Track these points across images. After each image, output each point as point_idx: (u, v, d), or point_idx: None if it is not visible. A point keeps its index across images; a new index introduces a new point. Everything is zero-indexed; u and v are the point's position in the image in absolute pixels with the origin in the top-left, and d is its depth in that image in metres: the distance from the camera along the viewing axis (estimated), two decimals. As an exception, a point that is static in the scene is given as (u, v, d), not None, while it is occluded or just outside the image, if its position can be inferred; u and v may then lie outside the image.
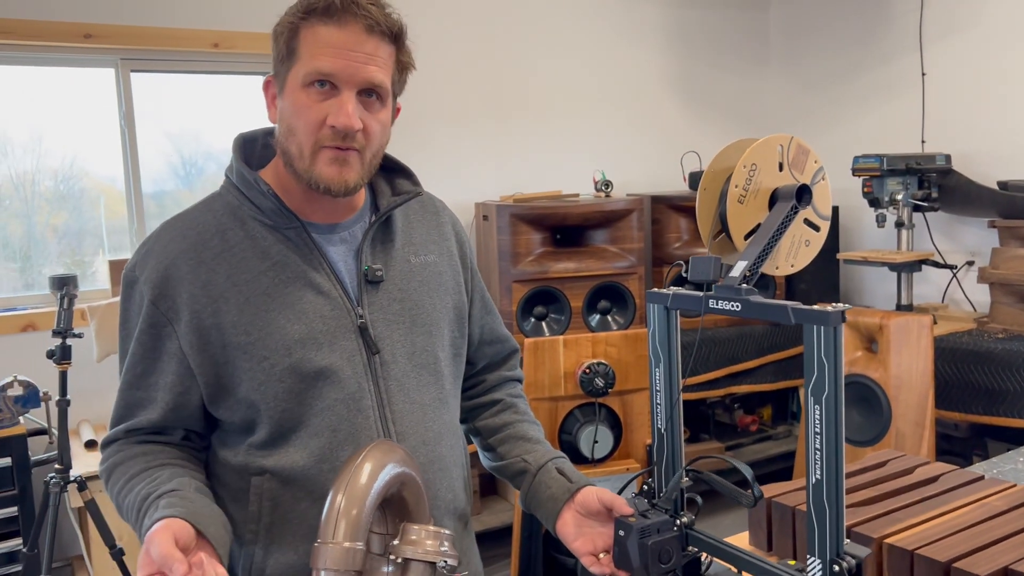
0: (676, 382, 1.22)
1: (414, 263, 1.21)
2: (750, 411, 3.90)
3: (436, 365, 1.21)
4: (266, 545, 1.11)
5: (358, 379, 1.12)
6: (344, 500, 0.90)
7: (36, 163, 3.10)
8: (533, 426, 1.35)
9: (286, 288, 1.11)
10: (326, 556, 0.88)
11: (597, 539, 1.21)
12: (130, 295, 1.13)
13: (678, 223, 3.57)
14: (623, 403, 2.73)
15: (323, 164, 1.08)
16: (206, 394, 1.11)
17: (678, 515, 1.19)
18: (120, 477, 1.08)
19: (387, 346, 1.15)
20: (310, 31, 1.08)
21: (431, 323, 1.20)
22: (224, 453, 1.14)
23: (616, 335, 2.69)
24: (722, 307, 1.10)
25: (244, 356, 1.08)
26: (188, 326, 1.09)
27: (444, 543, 0.94)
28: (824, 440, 0.98)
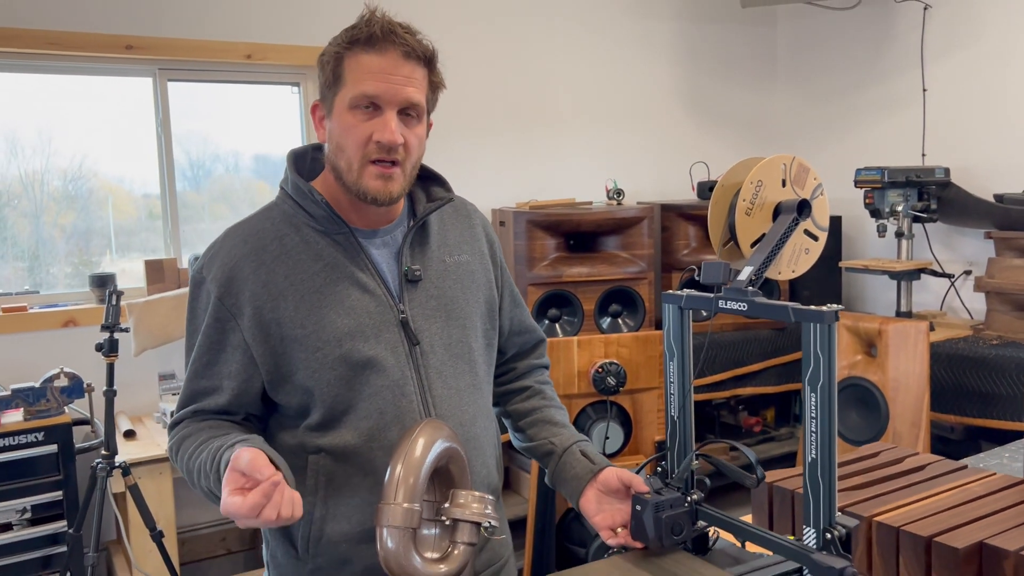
0: (688, 375, 1.36)
1: (448, 263, 1.36)
2: (754, 413, 4.04)
3: (470, 354, 1.35)
4: (322, 515, 1.25)
5: (401, 368, 1.27)
6: (402, 469, 1.05)
7: (45, 163, 3.16)
8: (559, 411, 1.50)
9: (336, 287, 1.26)
10: (388, 515, 1.02)
11: (616, 515, 1.35)
12: (197, 294, 1.28)
13: (687, 231, 3.71)
14: (633, 401, 2.87)
15: (370, 178, 1.24)
16: (267, 381, 1.25)
17: (689, 493, 1.33)
18: (192, 443, 1.21)
19: (426, 338, 1.30)
20: (354, 59, 1.22)
21: (465, 316, 1.35)
22: (282, 435, 1.29)
23: (627, 336, 2.83)
24: (730, 307, 1.24)
25: (300, 347, 1.23)
26: (251, 320, 1.23)
27: (488, 507, 1.09)
28: (819, 423, 1.12)
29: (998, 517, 1.34)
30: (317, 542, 1.25)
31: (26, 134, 3.12)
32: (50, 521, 2.58)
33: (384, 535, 1.02)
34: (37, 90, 3.12)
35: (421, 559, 1.03)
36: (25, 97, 3.10)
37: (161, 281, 3.11)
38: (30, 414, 2.52)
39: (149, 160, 3.31)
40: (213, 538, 3.29)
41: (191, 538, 3.22)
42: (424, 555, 1.07)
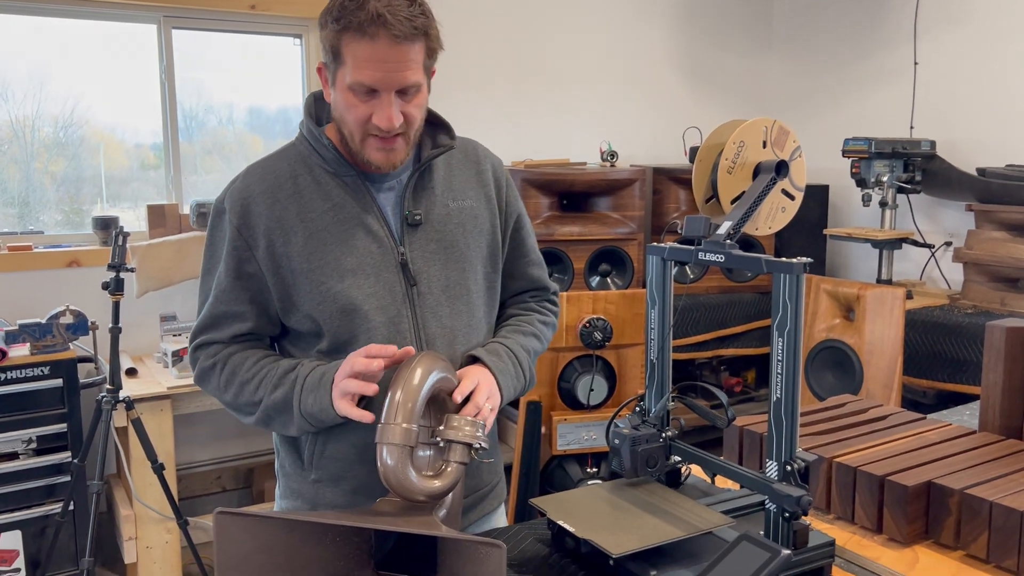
0: (668, 322, 1.46)
1: (452, 207, 1.43)
2: (735, 373, 4.16)
3: (468, 297, 1.44)
4: (325, 433, 1.36)
5: (397, 306, 1.36)
6: (402, 394, 1.15)
7: (36, 108, 3.16)
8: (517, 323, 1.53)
9: (343, 226, 1.35)
10: (388, 433, 1.12)
11: None
12: (218, 223, 1.38)
13: (677, 194, 3.79)
14: (618, 356, 2.98)
15: (372, 150, 1.32)
16: (279, 308, 1.36)
17: (664, 430, 1.44)
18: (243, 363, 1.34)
19: (424, 279, 1.39)
20: (349, 44, 1.25)
21: (464, 260, 1.43)
22: (297, 355, 1.40)
23: (615, 294, 2.93)
24: (709, 258, 1.33)
25: (306, 280, 1.33)
26: (265, 252, 1.33)
27: (479, 430, 1.19)
28: (784, 366, 1.22)
29: (948, 461, 1.46)
30: (320, 456, 1.37)
31: (17, 79, 3.13)
32: (54, 452, 2.68)
33: (384, 452, 1.12)
34: (29, 32, 3.11)
35: (417, 475, 1.13)
36: (16, 40, 3.11)
37: (163, 226, 3.18)
38: (36, 349, 2.61)
39: (143, 109, 3.32)
40: (209, 476, 3.41)
41: (188, 475, 3.34)
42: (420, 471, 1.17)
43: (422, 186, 1.42)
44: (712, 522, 1.27)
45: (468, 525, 1.51)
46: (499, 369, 1.40)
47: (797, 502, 1.21)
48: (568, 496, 1.39)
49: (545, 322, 1.59)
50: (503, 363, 1.42)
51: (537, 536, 1.43)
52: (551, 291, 1.63)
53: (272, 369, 1.33)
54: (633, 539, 1.21)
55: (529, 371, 1.49)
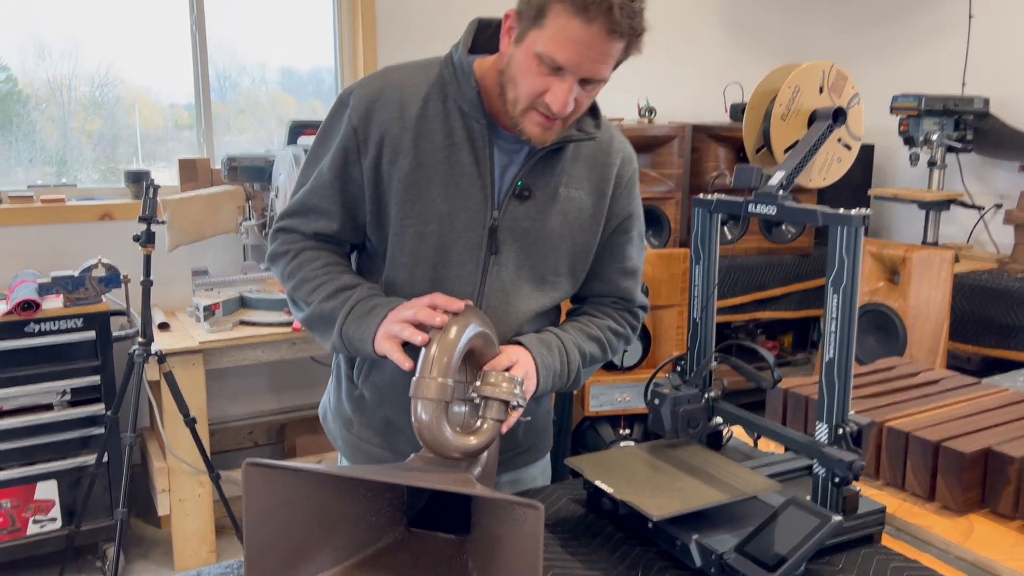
0: (712, 279, 1.40)
1: (562, 194, 1.34)
2: (772, 337, 4.08)
3: (542, 284, 1.37)
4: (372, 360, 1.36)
5: (469, 268, 1.31)
6: (437, 348, 1.10)
7: (73, 68, 3.16)
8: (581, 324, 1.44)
9: (451, 170, 1.29)
10: (423, 387, 1.08)
11: None
12: (338, 115, 1.32)
13: (717, 152, 3.69)
14: (654, 318, 2.92)
15: (530, 123, 1.23)
16: (368, 220, 1.33)
17: (706, 391, 1.39)
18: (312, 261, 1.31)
19: (506, 251, 1.32)
20: (560, 15, 1.14)
21: (552, 248, 1.35)
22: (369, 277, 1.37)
23: (652, 253, 2.85)
24: (760, 211, 1.27)
25: (396, 207, 1.29)
26: (371, 163, 1.29)
27: (517, 387, 1.14)
28: (839, 324, 1.16)
29: (1006, 428, 1.39)
30: (366, 376, 1.38)
31: (54, 39, 3.12)
32: (88, 404, 2.69)
33: (419, 406, 1.07)
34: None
35: (452, 431, 1.09)
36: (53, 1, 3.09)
37: (194, 180, 3.16)
38: (69, 301, 2.61)
39: (177, 69, 3.30)
40: (241, 431, 3.42)
41: (220, 430, 3.35)
42: (455, 428, 1.13)
43: (544, 163, 1.33)
44: (757, 486, 1.22)
45: (504, 483, 1.47)
46: (544, 362, 1.32)
47: (849, 467, 1.15)
48: (605, 456, 1.34)
49: (617, 332, 1.46)
50: (550, 356, 1.34)
51: (572, 496, 1.39)
52: (637, 304, 1.50)
53: (334, 279, 1.30)
54: (674, 502, 1.16)
55: (576, 374, 1.39)
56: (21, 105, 3.13)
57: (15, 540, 2.62)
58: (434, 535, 1.16)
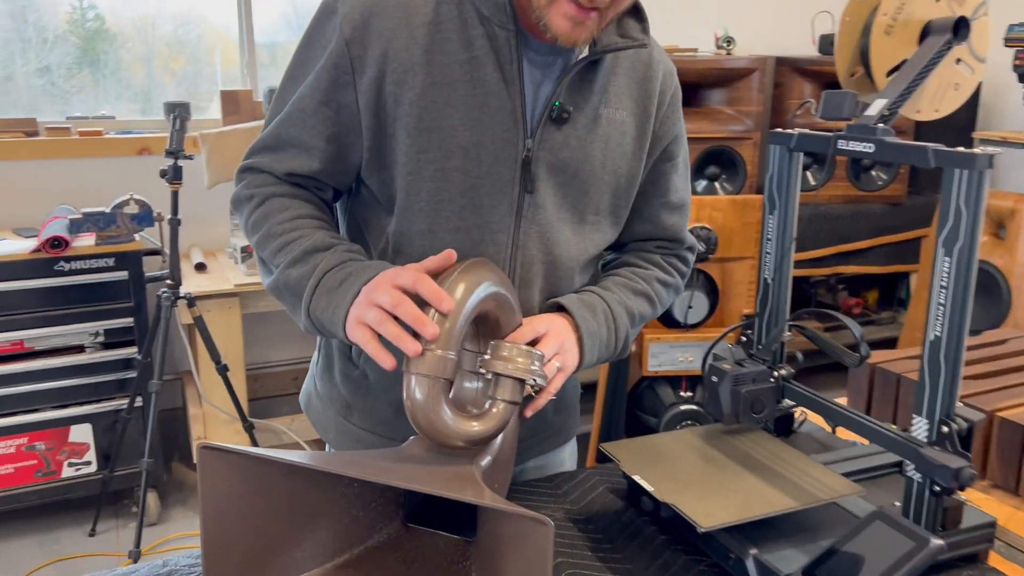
0: (790, 231, 1.15)
1: (602, 114, 1.10)
2: (855, 294, 3.76)
3: (583, 226, 1.14)
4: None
5: (502, 212, 1.07)
6: (438, 312, 0.89)
7: (157, 7, 3.16)
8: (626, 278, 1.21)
9: (473, 89, 1.03)
10: (419, 361, 0.87)
11: None
12: (323, 23, 1.05)
13: (801, 89, 3.35)
14: (723, 270, 2.66)
15: (558, 15, 0.98)
16: (365, 159, 1.07)
17: (776, 368, 1.15)
18: (280, 211, 1.05)
19: (543, 189, 1.08)
20: None
21: (593, 182, 1.11)
22: (367, 230, 1.13)
23: (723, 199, 2.59)
24: (852, 148, 1.01)
25: (407, 139, 1.03)
26: (370, 84, 1.02)
27: (535, 363, 0.93)
28: (951, 295, 0.90)
29: None
30: (359, 353, 1.15)
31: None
32: (122, 346, 2.59)
33: (412, 383, 0.88)
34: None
35: (452, 414, 0.89)
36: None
37: (236, 113, 2.99)
38: (101, 239, 2.49)
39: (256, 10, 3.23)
40: (284, 377, 3.30)
41: (261, 375, 3.24)
42: (459, 410, 0.93)
43: (581, 78, 1.09)
44: (834, 490, 0.99)
45: (531, 469, 1.27)
46: (588, 330, 1.09)
47: (955, 475, 0.91)
48: (649, 443, 1.12)
49: (666, 283, 1.24)
50: (595, 322, 1.11)
51: (611, 485, 1.19)
52: (685, 246, 1.27)
53: (305, 236, 1.04)
54: (729, 507, 0.95)
55: (625, 340, 1.17)
56: (108, 43, 3.16)
57: (50, 482, 2.57)
58: (435, 534, 0.97)
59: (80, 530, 2.64)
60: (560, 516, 1.11)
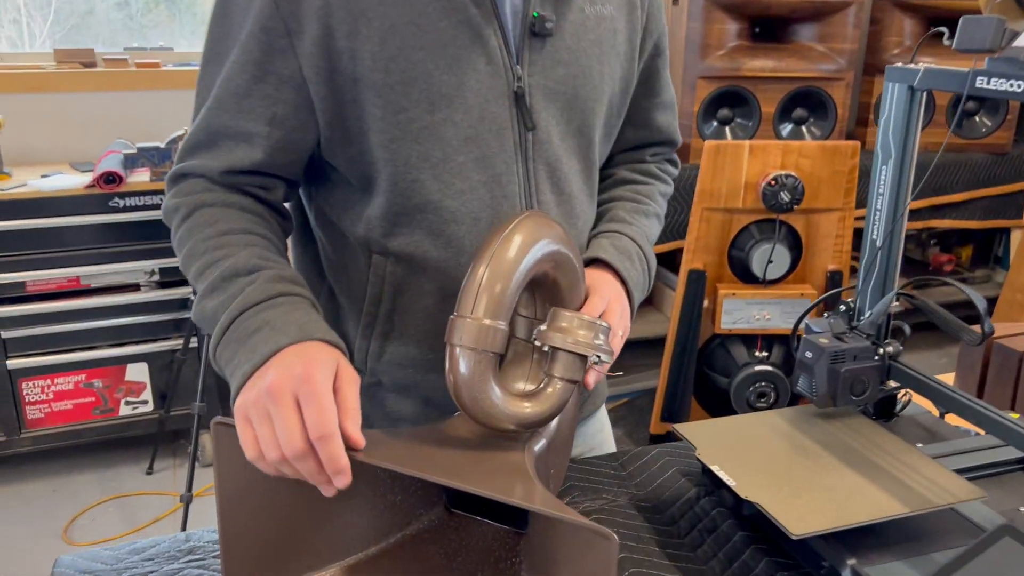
0: (906, 186, 0.98)
1: (588, 14, 0.94)
2: (947, 249, 3.51)
3: (589, 150, 0.99)
4: (385, 332, 0.97)
5: (506, 158, 0.91)
6: (488, 273, 0.76)
7: None
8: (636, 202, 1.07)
9: (440, 23, 0.87)
10: (462, 331, 0.75)
11: None
12: None
13: (901, 25, 3.07)
14: (807, 223, 2.46)
15: None
16: (324, 136, 0.89)
17: (881, 343, 0.99)
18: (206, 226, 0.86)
19: (542, 122, 0.92)
20: None
21: (594, 97, 0.96)
22: (339, 219, 0.96)
23: (812, 145, 2.38)
24: (996, 87, 0.83)
25: (377, 100, 0.86)
26: (315, 45, 0.84)
27: (599, 336, 0.79)
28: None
29: None
30: (376, 359, 0.98)
31: None
32: (177, 286, 2.54)
33: (456, 355, 0.75)
34: None
35: (502, 392, 0.77)
36: None
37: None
38: (156, 175, 2.42)
39: None
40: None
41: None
42: (511, 386, 0.80)
43: None
44: (952, 493, 0.84)
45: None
46: (634, 282, 0.97)
47: (1107, 488, 0.75)
48: (729, 426, 0.98)
49: (665, 195, 1.14)
50: (635, 271, 0.99)
51: (683, 467, 1.06)
52: (675, 145, 1.16)
53: (226, 256, 0.83)
54: (825, 509, 0.81)
55: (652, 277, 1.05)
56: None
57: (108, 420, 2.56)
58: (482, 523, 0.86)
59: (138, 467, 2.65)
60: (623, 501, 0.99)
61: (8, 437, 2.46)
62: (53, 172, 2.50)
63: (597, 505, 0.98)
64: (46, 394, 2.46)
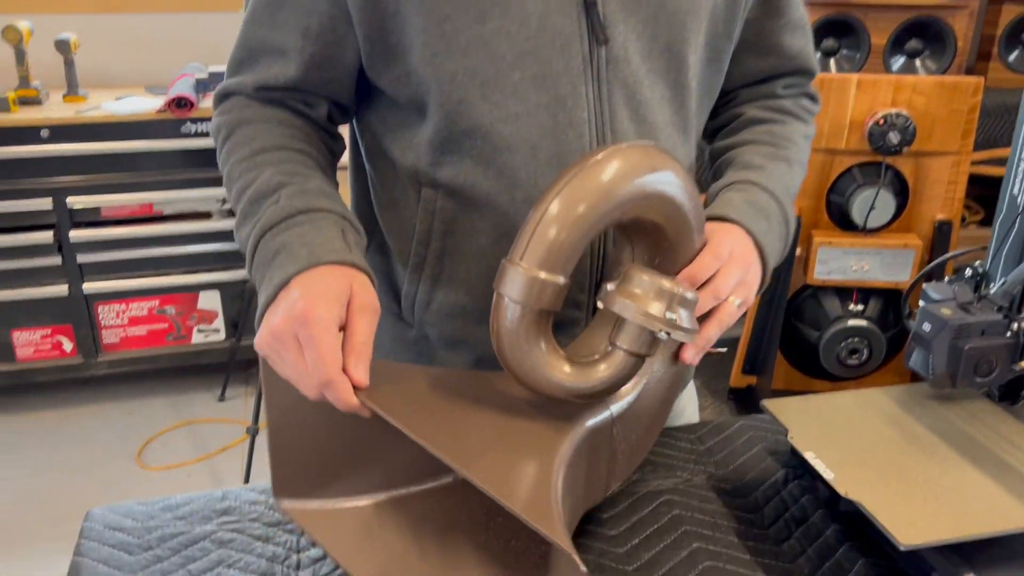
0: (1059, 130, 0.82)
1: None
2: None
3: (682, 73, 0.84)
4: (434, 275, 0.87)
5: (572, 78, 0.79)
6: (550, 214, 0.64)
7: None
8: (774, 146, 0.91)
9: None
10: (511, 281, 0.65)
11: None
12: None
13: (1037, -53, 2.76)
14: (917, 166, 2.25)
15: None
16: (365, 53, 0.80)
17: (1014, 316, 0.85)
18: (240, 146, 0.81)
19: (618, 36, 0.79)
20: None
21: (686, 8, 0.81)
22: (390, 147, 0.86)
23: (928, 81, 2.15)
24: None
25: (419, 9, 0.76)
26: None
27: (676, 309, 0.66)
28: None
29: None
30: (424, 307, 0.88)
31: None
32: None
33: (503, 306, 0.65)
34: None
35: (550, 354, 0.66)
36: None
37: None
38: (228, 101, 2.37)
39: None
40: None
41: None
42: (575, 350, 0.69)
43: None
44: (1097, 504, 0.70)
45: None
46: (770, 245, 0.82)
47: None
48: (826, 404, 0.86)
49: (808, 137, 0.96)
50: (772, 234, 0.84)
51: (769, 445, 0.94)
52: (811, 75, 0.97)
53: (255, 178, 0.77)
54: (940, 514, 0.69)
55: (791, 239, 0.89)
56: None
57: (181, 347, 2.58)
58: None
59: (210, 394, 2.67)
60: (700, 480, 0.88)
61: (86, 359, 2.49)
62: (127, 95, 2.47)
63: (671, 483, 0.88)
64: (121, 319, 2.48)
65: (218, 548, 0.78)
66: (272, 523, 0.81)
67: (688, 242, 0.72)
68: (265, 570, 0.75)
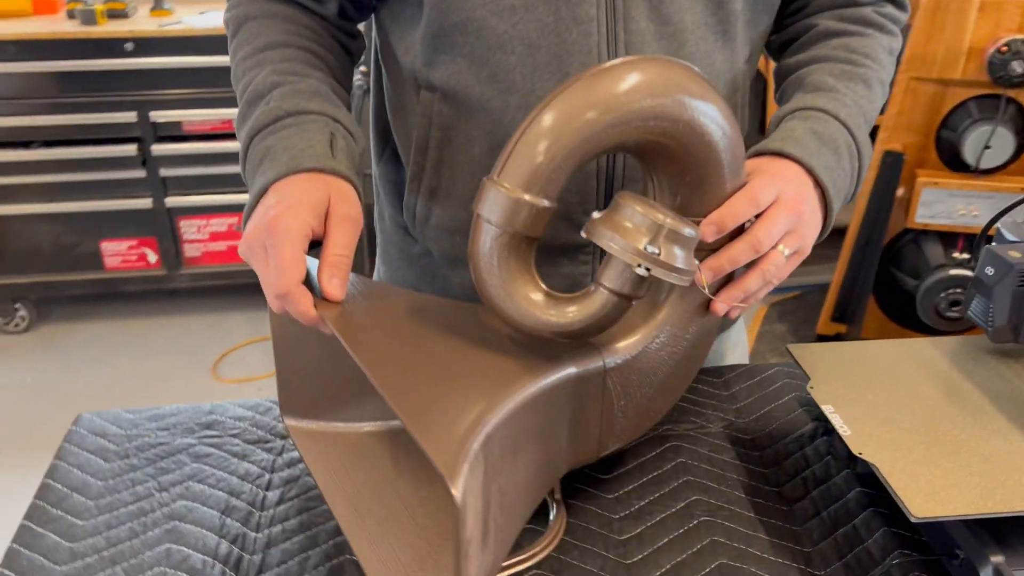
0: None
1: None
2: None
3: (725, 19, 0.73)
4: (432, 188, 0.80)
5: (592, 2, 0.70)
6: (538, 126, 0.57)
7: None
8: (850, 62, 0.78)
9: None
10: (489, 201, 0.57)
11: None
12: None
13: None
14: (1043, 101, 2.02)
15: None
16: None
17: (1101, 264, 0.72)
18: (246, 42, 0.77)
19: None
20: None
21: None
22: (396, 45, 0.80)
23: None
24: None
25: None
26: None
27: (666, 244, 0.57)
28: None
29: None
30: (424, 222, 0.82)
31: None
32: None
33: (480, 228, 0.58)
34: None
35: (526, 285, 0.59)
36: None
37: None
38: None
39: None
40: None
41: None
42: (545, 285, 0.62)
43: None
44: None
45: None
46: (836, 183, 0.71)
47: None
48: (864, 352, 0.76)
49: (892, 51, 0.82)
50: (840, 169, 0.72)
51: (801, 393, 0.85)
52: None
53: (252, 78, 0.73)
54: (969, 488, 0.59)
55: (863, 175, 0.76)
56: None
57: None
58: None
59: (287, 312, 2.71)
60: (716, 428, 0.80)
61: (169, 272, 2.57)
62: (212, 10, 2.47)
63: (681, 429, 0.80)
64: (202, 233, 2.53)
65: (193, 461, 0.76)
66: (253, 440, 0.79)
67: (718, 182, 0.62)
68: (235, 487, 0.73)
